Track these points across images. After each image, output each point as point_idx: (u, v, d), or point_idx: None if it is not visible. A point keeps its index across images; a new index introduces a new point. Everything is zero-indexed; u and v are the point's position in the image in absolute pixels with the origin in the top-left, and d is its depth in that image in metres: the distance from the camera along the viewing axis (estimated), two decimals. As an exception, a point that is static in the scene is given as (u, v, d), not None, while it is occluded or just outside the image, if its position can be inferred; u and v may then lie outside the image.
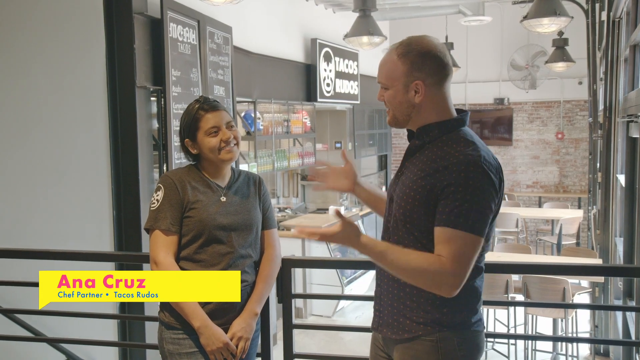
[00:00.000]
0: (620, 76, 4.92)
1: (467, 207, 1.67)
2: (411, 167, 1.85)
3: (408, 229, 1.80)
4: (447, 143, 1.78)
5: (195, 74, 4.39)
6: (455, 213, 1.67)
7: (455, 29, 9.65)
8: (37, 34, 3.87)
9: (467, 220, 1.67)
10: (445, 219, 1.69)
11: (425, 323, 1.80)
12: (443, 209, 1.69)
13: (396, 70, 1.80)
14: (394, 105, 1.84)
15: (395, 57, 1.80)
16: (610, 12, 5.24)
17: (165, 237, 2.16)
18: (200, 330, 2.12)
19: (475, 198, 1.67)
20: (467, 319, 1.82)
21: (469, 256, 1.69)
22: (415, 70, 1.78)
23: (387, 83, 1.83)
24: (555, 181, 10.84)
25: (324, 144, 8.50)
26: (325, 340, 5.79)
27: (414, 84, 1.78)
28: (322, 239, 1.80)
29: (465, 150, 1.73)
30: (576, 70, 9.64)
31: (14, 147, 3.94)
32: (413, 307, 1.82)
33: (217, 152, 2.20)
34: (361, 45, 6.46)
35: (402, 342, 1.85)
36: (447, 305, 1.79)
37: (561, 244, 7.75)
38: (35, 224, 3.92)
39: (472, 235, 1.68)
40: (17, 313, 3.54)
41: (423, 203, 1.74)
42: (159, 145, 4.12)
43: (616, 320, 4.69)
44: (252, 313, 2.25)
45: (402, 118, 1.86)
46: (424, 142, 1.84)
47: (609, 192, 5.44)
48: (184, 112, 2.26)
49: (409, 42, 1.81)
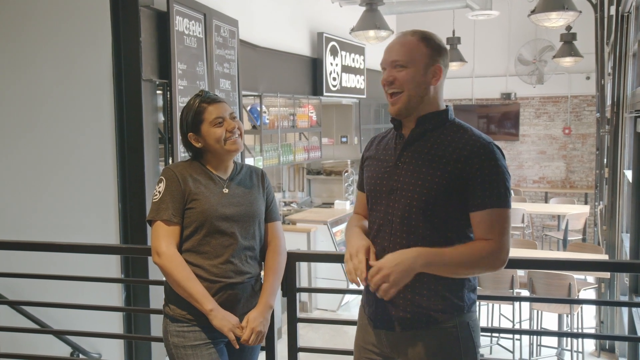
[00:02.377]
0: (628, 71, 4.88)
1: (502, 185, 1.79)
2: (416, 155, 1.85)
3: (427, 217, 1.81)
4: (453, 130, 1.85)
5: (201, 67, 4.39)
6: (495, 194, 1.78)
7: (463, 23, 9.60)
8: (44, 27, 3.87)
9: (504, 197, 1.79)
10: (487, 202, 1.78)
11: (444, 310, 1.83)
12: (482, 192, 1.78)
13: (419, 50, 1.83)
14: (411, 85, 1.83)
15: (416, 40, 1.84)
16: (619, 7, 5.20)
17: (168, 227, 2.17)
18: (213, 313, 2.12)
19: (503, 176, 1.80)
20: (473, 300, 1.89)
21: (509, 228, 1.83)
22: (436, 55, 1.85)
23: (408, 61, 1.82)
24: (561, 177, 10.80)
25: (329, 138, 8.49)
26: (330, 335, 5.81)
27: (435, 67, 1.84)
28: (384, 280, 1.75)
29: (480, 136, 1.84)
30: (584, 65, 9.59)
31: (20, 140, 3.95)
32: (430, 295, 1.83)
33: (223, 143, 2.20)
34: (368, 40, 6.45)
35: (420, 332, 1.84)
36: (462, 289, 1.85)
37: (567, 239, 7.73)
38: (40, 217, 3.94)
39: (508, 209, 1.81)
40: (23, 305, 3.56)
41: (445, 190, 1.79)
42: (165, 139, 4.12)
43: (622, 316, 4.67)
44: (268, 306, 2.27)
45: (415, 101, 1.85)
46: (426, 130, 1.86)
47: (615, 187, 5.41)
48: (184, 108, 2.26)
49: (424, 32, 1.88)
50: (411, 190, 1.82)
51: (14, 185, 3.95)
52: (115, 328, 3.89)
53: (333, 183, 8.71)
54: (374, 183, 1.94)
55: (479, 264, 1.80)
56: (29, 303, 3.48)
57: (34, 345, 3.79)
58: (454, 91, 11.13)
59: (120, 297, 3.87)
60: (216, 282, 2.17)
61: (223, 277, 2.18)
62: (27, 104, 3.91)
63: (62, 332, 3.70)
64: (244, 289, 2.23)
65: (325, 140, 7.95)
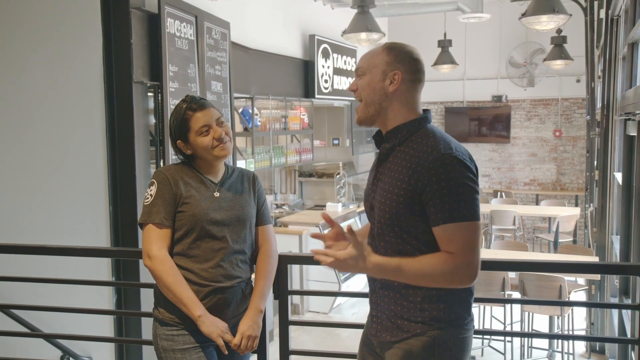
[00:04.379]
0: (618, 74, 4.91)
1: (456, 198, 1.70)
2: (387, 172, 1.85)
3: (396, 232, 1.81)
4: (417, 141, 1.81)
5: (192, 69, 4.38)
6: (447, 208, 1.70)
7: (454, 26, 9.63)
8: (34, 29, 3.85)
9: (461, 210, 1.70)
10: (441, 217, 1.71)
11: (424, 321, 1.81)
12: (435, 208, 1.71)
13: (378, 58, 1.86)
14: (367, 92, 1.86)
15: (381, 49, 1.88)
16: (609, 10, 5.24)
17: (159, 230, 2.16)
18: (201, 319, 2.12)
19: (460, 188, 1.70)
20: (463, 315, 1.84)
21: (475, 242, 1.73)
22: (396, 62, 1.84)
23: (366, 68, 1.87)
24: (552, 179, 10.85)
25: (321, 140, 8.49)
26: (321, 337, 5.80)
27: (392, 73, 1.83)
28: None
29: (437, 146, 1.76)
30: (574, 68, 9.65)
31: (10, 142, 3.92)
32: (410, 307, 1.83)
33: (211, 151, 2.19)
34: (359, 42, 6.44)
35: (399, 342, 1.85)
36: (444, 301, 1.81)
37: (558, 241, 7.76)
38: (31, 219, 3.92)
39: (470, 222, 1.71)
40: (13, 308, 3.53)
41: (407, 205, 1.76)
42: (156, 141, 4.11)
43: (612, 318, 4.69)
44: (258, 310, 2.26)
45: (372, 108, 1.86)
46: (394, 145, 1.86)
47: (606, 190, 5.44)
48: (172, 114, 2.25)
49: (395, 43, 1.90)
50: (380, 208, 1.84)
51: (4, 188, 3.92)
52: (106, 331, 3.87)
53: (325, 185, 8.71)
54: (364, 200, 2.01)
55: (440, 276, 1.72)
56: (19, 307, 3.45)
57: (24, 349, 3.77)
58: (445, 94, 11.17)
59: (111, 300, 3.86)
60: (206, 286, 2.17)
61: (213, 281, 2.18)
62: (18, 106, 3.89)
63: (53, 336, 3.67)
64: (234, 293, 2.22)
65: (317, 143, 7.95)
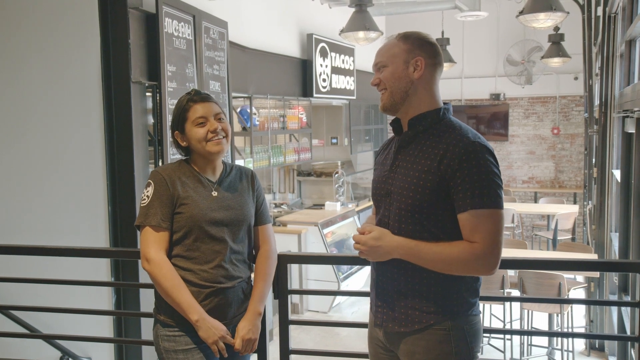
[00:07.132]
0: (616, 71, 4.92)
1: (487, 184, 1.72)
2: (409, 158, 1.86)
3: (416, 219, 1.82)
4: (443, 130, 1.84)
5: (190, 69, 4.38)
6: (477, 194, 1.72)
7: (452, 25, 9.63)
8: (32, 29, 3.84)
9: (490, 197, 1.72)
10: (470, 202, 1.73)
11: (437, 312, 1.83)
12: (464, 193, 1.73)
13: (396, 48, 1.88)
14: (391, 82, 1.87)
15: (396, 40, 1.89)
16: (606, 8, 5.24)
17: (156, 233, 2.13)
18: (198, 324, 2.10)
19: (489, 175, 1.73)
20: (472, 302, 1.87)
21: (500, 231, 1.74)
22: (416, 48, 1.87)
23: (387, 60, 1.88)
24: (551, 176, 10.85)
25: (320, 139, 8.49)
26: (321, 336, 5.80)
27: (415, 60, 1.86)
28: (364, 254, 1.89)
29: (466, 134, 1.79)
30: (572, 66, 9.65)
31: (9, 143, 3.92)
32: (423, 297, 1.84)
33: (204, 143, 2.16)
34: (357, 41, 6.45)
35: (412, 334, 1.85)
36: (457, 291, 1.83)
37: (557, 239, 7.77)
38: (30, 220, 3.91)
39: (497, 210, 1.73)
40: (12, 309, 3.52)
41: (434, 190, 1.78)
42: (155, 141, 4.11)
43: (611, 315, 4.70)
44: (256, 313, 2.25)
45: (398, 96, 1.88)
46: (417, 132, 1.87)
47: (604, 187, 5.45)
48: (175, 106, 2.24)
49: (407, 32, 1.92)
50: (402, 193, 1.84)
51: (3, 188, 3.91)
52: (106, 332, 3.87)
53: (323, 184, 8.71)
54: (375, 187, 2.00)
55: (458, 264, 1.76)
56: (18, 307, 3.45)
57: (24, 350, 3.76)
58: (444, 92, 10.80)
59: (110, 300, 3.85)
60: (206, 287, 2.15)
61: (214, 282, 2.16)
62: (16, 106, 3.88)
63: (52, 337, 3.67)
64: (235, 293, 2.21)
65: (316, 142, 7.95)
